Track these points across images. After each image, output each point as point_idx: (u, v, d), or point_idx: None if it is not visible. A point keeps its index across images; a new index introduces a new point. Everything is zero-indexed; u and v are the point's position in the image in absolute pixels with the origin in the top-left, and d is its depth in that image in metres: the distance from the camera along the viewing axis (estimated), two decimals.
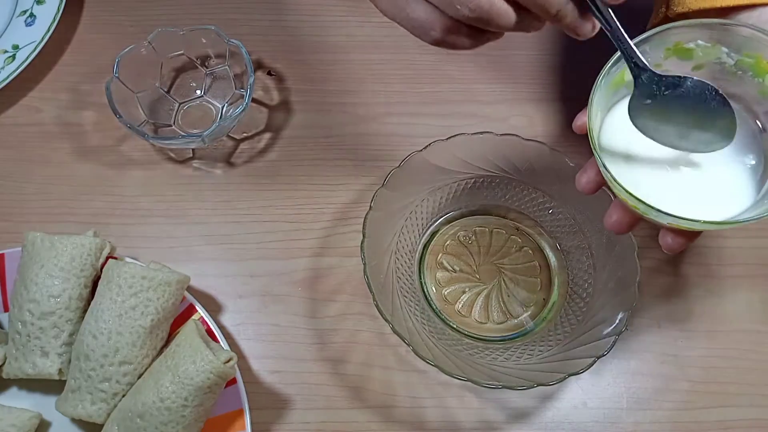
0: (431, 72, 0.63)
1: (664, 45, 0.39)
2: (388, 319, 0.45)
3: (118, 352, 0.45)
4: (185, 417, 0.43)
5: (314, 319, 0.53)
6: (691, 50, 0.39)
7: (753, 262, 0.55)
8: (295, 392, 0.50)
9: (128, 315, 0.46)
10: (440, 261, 0.54)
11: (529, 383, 0.44)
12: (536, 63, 0.64)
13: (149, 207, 0.57)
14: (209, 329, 0.49)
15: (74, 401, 0.45)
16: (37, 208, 0.57)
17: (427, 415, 0.50)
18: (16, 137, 0.60)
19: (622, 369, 0.51)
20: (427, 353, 0.45)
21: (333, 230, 0.56)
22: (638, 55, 0.37)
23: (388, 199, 0.50)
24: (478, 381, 0.44)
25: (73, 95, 0.62)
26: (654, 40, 0.39)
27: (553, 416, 0.50)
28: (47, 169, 0.59)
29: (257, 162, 0.59)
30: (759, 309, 0.54)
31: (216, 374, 0.43)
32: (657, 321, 0.53)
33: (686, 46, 0.39)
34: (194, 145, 0.56)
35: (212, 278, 0.54)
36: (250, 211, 0.57)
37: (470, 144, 0.52)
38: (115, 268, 0.47)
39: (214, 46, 0.59)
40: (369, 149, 0.59)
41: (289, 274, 0.54)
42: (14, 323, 0.47)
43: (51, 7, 0.63)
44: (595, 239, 0.51)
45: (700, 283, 0.54)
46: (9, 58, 0.61)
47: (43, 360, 0.46)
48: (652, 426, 0.50)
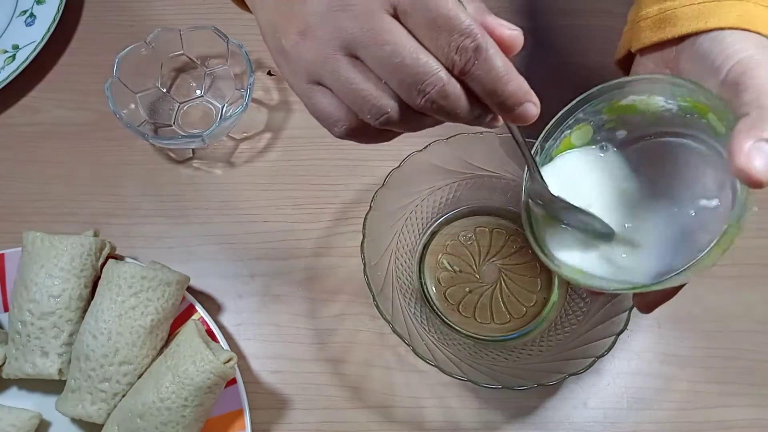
0: None
1: (601, 106, 0.39)
2: (388, 319, 0.45)
3: (118, 352, 0.45)
4: (185, 417, 0.43)
5: (314, 319, 0.53)
6: (632, 105, 0.39)
7: (753, 262, 0.55)
8: (295, 392, 0.50)
9: (128, 315, 0.46)
10: (440, 261, 0.54)
11: (529, 383, 0.44)
12: (536, 63, 0.64)
13: (149, 207, 0.57)
14: (209, 329, 0.49)
15: (74, 401, 0.45)
16: (37, 208, 0.57)
17: (427, 416, 0.50)
18: (16, 137, 0.60)
19: (622, 369, 0.51)
20: (427, 353, 0.45)
21: (333, 230, 0.56)
22: (539, 175, 0.39)
23: (388, 199, 0.50)
24: (478, 381, 0.44)
25: (73, 95, 0.62)
26: (586, 108, 0.39)
27: (553, 416, 0.50)
28: (47, 169, 0.59)
29: (257, 162, 0.59)
30: (759, 309, 0.54)
31: (216, 374, 0.43)
32: (657, 321, 0.53)
33: (623, 103, 0.39)
34: (194, 145, 0.56)
35: (212, 278, 0.54)
36: (250, 211, 0.57)
37: (470, 144, 0.52)
38: (115, 268, 0.47)
39: (214, 46, 0.59)
40: (369, 149, 0.59)
41: (289, 274, 0.54)
42: (14, 323, 0.47)
43: (51, 7, 0.63)
44: None
45: (700, 283, 0.54)
46: (9, 58, 0.61)
47: (43, 360, 0.46)
48: (652, 426, 0.50)
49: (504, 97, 0.31)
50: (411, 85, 0.30)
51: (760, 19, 0.37)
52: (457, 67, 0.29)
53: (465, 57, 0.29)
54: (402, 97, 0.31)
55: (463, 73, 0.30)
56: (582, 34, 0.54)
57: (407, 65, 0.29)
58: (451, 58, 0.29)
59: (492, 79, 0.30)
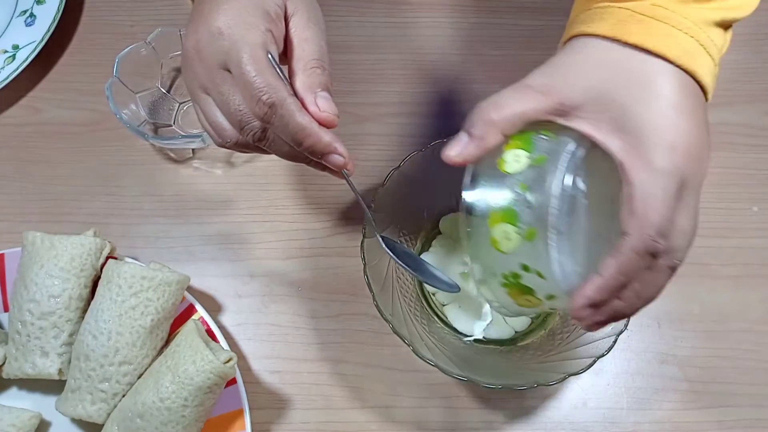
0: (431, 72, 0.63)
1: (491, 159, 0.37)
2: (388, 319, 0.45)
3: (118, 352, 0.45)
4: (185, 417, 0.43)
5: (314, 319, 0.53)
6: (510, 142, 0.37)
7: (753, 262, 0.55)
8: (295, 392, 0.50)
9: (128, 315, 0.46)
10: None
11: (529, 383, 0.44)
12: (536, 63, 0.63)
13: (149, 207, 0.57)
14: (209, 329, 0.49)
15: (74, 401, 0.45)
16: (37, 208, 0.57)
17: (427, 416, 0.50)
18: (16, 137, 0.60)
19: (622, 369, 0.51)
20: (427, 353, 0.45)
21: (333, 230, 0.56)
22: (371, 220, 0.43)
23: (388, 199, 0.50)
24: (478, 381, 0.44)
25: (73, 95, 0.62)
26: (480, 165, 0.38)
27: (553, 416, 0.50)
28: (47, 169, 0.59)
29: (257, 162, 0.59)
30: (759, 309, 0.54)
31: (216, 374, 0.43)
32: (657, 321, 0.53)
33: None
34: (194, 145, 0.56)
35: (212, 278, 0.54)
36: (250, 211, 0.57)
37: None
38: (115, 268, 0.47)
39: None
40: (369, 149, 0.59)
41: (289, 274, 0.54)
42: (14, 323, 0.47)
43: (51, 7, 0.63)
44: None
45: (700, 283, 0.54)
46: (9, 58, 0.61)
47: (43, 360, 0.46)
48: (652, 426, 0.50)
49: (307, 148, 0.37)
50: (239, 126, 0.37)
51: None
52: (258, 116, 0.36)
53: (262, 110, 0.36)
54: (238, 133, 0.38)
55: (266, 122, 0.37)
56: None
57: (232, 112, 0.37)
58: (253, 109, 0.36)
59: (291, 131, 0.36)
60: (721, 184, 0.58)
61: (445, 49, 0.64)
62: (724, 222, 0.57)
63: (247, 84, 0.36)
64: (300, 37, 0.39)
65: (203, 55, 0.37)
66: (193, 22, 0.39)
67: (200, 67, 0.38)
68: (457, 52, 0.64)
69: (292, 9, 0.39)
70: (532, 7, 0.66)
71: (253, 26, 0.37)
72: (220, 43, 0.37)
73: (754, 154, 0.60)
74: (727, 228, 0.56)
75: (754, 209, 0.57)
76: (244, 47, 0.36)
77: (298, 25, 0.39)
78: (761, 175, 0.59)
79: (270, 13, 0.38)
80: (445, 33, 0.65)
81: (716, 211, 0.57)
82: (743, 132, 0.61)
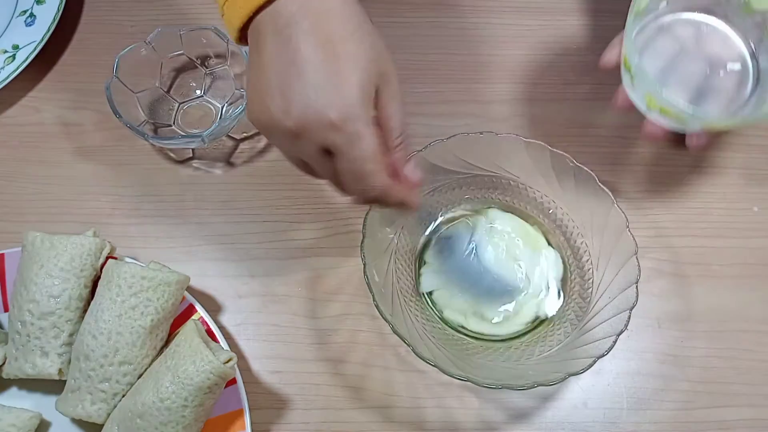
0: (431, 72, 0.63)
1: None
2: (388, 319, 0.45)
3: (117, 352, 0.45)
4: (185, 417, 0.43)
5: (314, 319, 0.53)
6: None
7: (753, 262, 0.55)
8: (295, 392, 0.50)
9: (128, 315, 0.46)
10: None
11: (529, 383, 0.44)
12: (536, 63, 0.64)
13: (149, 207, 0.57)
14: (209, 329, 0.49)
15: (74, 401, 0.45)
16: (37, 208, 0.57)
17: (427, 416, 0.50)
18: (16, 137, 0.60)
19: (622, 369, 0.51)
20: (427, 353, 0.45)
21: (333, 230, 0.56)
22: None
23: None
24: (478, 381, 0.44)
25: (73, 95, 0.62)
26: None
27: (553, 416, 0.50)
28: (47, 169, 0.59)
29: (257, 162, 0.59)
30: (759, 309, 0.54)
31: (216, 374, 0.43)
32: (657, 321, 0.53)
33: None
34: (194, 145, 0.56)
35: (212, 278, 0.54)
36: (250, 211, 0.57)
37: (470, 144, 0.52)
38: (115, 268, 0.47)
39: (214, 46, 0.59)
40: None
41: (289, 274, 0.54)
42: (14, 323, 0.47)
43: (51, 7, 0.63)
44: (595, 239, 0.51)
45: (700, 283, 0.54)
46: (9, 58, 0.61)
47: (43, 360, 0.46)
48: (652, 426, 0.50)
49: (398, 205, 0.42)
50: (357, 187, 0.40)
51: None
52: (362, 196, 0.42)
53: (369, 196, 0.40)
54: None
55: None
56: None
57: (337, 185, 0.42)
58: (359, 191, 0.41)
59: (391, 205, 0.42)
60: (721, 184, 0.58)
61: (445, 49, 0.64)
62: (724, 222, 0.57)
63: (359, 175, 0.39)
64: (385, 116, 0.40)
65: (306, 138, 0.38)
66: (282, 88, 0.37)
67: (299, 144, 0.39)
68: (457, 52, 0.64)
69: (381, 84, 0.39)
70: (532, 7, 0.66)
71: (365, 123, 0.37)
72: (333, 137, 0.37)
73: (754, 154, 0.60)
74: (727, 228, 0.57)
75: (754, 209, 0.57)
76: (363, 150, 0.37)
77: (385, 101, 0.40)
78: (761, 175, 0.59)
79: (371, 96, 0.38)
80: (445, 33, 0.65)
81: (716, 211, 0.57)
82: (743, 132, 0.61)
